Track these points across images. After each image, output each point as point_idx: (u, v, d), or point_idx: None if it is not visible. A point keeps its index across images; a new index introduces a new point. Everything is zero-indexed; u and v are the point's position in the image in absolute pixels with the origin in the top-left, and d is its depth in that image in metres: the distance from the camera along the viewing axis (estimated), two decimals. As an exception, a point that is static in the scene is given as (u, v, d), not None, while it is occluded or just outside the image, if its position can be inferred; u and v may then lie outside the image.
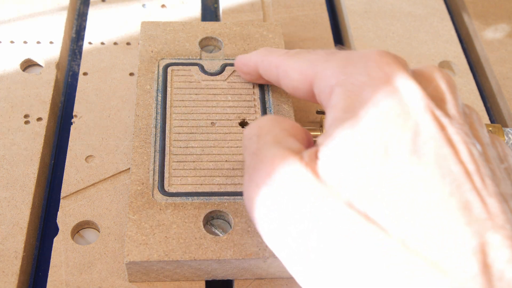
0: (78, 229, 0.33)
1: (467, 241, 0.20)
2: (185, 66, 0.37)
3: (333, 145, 0.23)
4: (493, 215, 0.21)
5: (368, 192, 0.22)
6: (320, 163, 0.23)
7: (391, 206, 0.21)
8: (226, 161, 0.33)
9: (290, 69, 0.29)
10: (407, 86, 0.24)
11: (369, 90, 0.24)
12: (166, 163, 0.33)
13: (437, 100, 0.24)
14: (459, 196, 0.21)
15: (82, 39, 0.44)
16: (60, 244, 0.32)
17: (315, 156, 0.24)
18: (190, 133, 0.34)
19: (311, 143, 0.27)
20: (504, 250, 0.20)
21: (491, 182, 0.22)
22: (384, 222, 0.21)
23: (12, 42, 0.42)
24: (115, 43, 0.42)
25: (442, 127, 0.23)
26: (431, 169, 0.22)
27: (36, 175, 0.35)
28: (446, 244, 0.20)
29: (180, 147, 0.33)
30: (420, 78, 0.25)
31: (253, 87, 0.36)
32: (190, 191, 0.32)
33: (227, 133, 0.34)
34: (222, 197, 0.32)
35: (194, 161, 0.33)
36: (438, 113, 0.23)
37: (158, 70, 0.37)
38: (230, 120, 0.35)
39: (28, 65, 0.41)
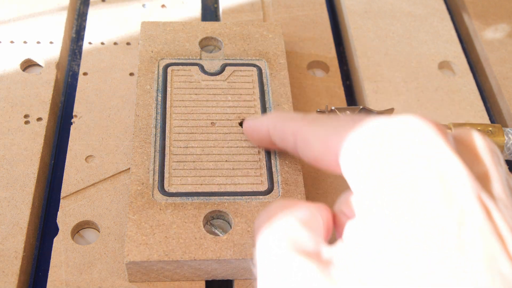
0: (78, 229, 0.33)
1: None
2: (185, 66, 0.37)
3: (366, 255, 0.20)
4: None
5: None
6: (348, 277, 0.20)
7: None
8: (226, 161, 0.33)
9: (311, 137, 0.26)
10: (451, 165, 0.21)
11: (408, 172, 0.20)
12: (166, 163, 0.33)
13: (481, 177, 0.21)
14: None
15: (82, 39, 0.44)
16: (60, 244, 0.32)
17: (336, 257, 0.21)
18: (190, 133, 0.34)
19: (325, 221, 0.24)
20: None
21: None
22: None
23: (12, 42, 0.42)
24: (115, 43, 0.42)
25: (488, 214, 0.20)
26: (480, 269, 0.19)
27: (36, 175, 0.35)
28: None
29: (180, 147, 0.33)
30: (463, 149, 0.22)
31: (253, 87, 0.36)
32: (190, 191, 0.32)
33: (227, 133, 0.34)
34: (222, 197, 0.32)
35: (194, 161, 0.33)
36: (484, 196, 0.20)
37: (158, 70, 0.37)
38: (230, 120, 0.35)
39: (28, 65, 0.41)
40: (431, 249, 0.19)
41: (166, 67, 0.37)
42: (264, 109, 0.35)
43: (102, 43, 0.42)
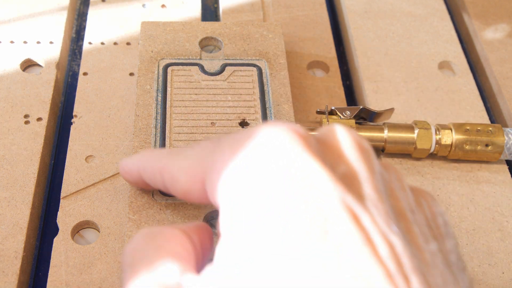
0: (78, 229, 0.33)
1: None
2: (185, 66, 0.37)
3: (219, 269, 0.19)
4: None
5: None
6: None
7: None
8: (226, 161, 0.33)
9: (176, 171, 0.24)
10: (311, 171, 0.19)
11: (268, 186, 0.19)
12: (166, 163, 0.33)
13: (347, 177, 0.20)
14: None
15: (82, 39, 0.44)
16: (60, 244, 0.32)
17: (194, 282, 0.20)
18: (190, 133, 0.34)
19: (196, 245, 0.23)
20: None
21: (418, 279, 0.18)
22: None
23: (12, 42, 0.42)
24: (115, 43, 0.42)
25: (355, 218, 0.19)
26: (347, 276, 0.18)
27: (36, 175, 0.35)
28: None
29: (180, 147, 0.33)
30: (325, 150, 0.21)
31: (253, 87, 0.36)
32: (190, 191, 0.32)
33: (227, 133, 0.34)
34: (222, 197, 0.31)
35: (194, 161, 0.33)
36: (349, 199, 0.19)
37: (158, 70, 0.37)
38: (230, 120, 0.35)
39: (28, 65, 0.41)
40: (297, 264, 0.18)
41: (166, 67, 0.37)
42: (264, 109, 0.35)
43: (102, 43, 0.42)
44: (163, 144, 0.33)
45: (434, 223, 0.22)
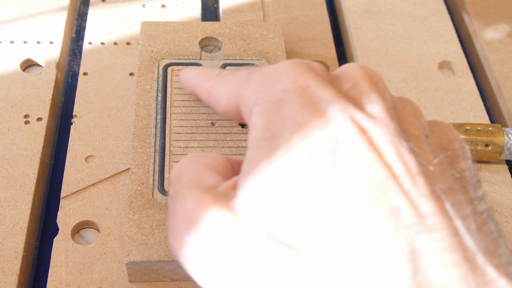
0: (78, 229, 0.33)
1: (396, 250, 0.19)
2: (185, 66, 0.37)
3: (250, 175, 0.22)
4: (424, 217, 0.20)
5: (288, 220, 0.21)
6: (238, 196, 0.22)
7: (313, 229, 0.20)
8: (226, 161, 0.33)
9: (219, 94, 0.28)
10: (321, 94, 0.22)
11: (284, 105, 0.23)
12: (166, 163, 0.33)
13: (357, 101, 0.23)
14: (384, 202, 0.20)
15: (82, 39, 0.44)
16: (60, 244, 0.32)
17: (233, 188, 0.23)
18: (190, 133, 0.34)
19: (236, 170, 0.26)
20: (435, 254, 0.19)
21: (424, 180, 0.20)
22: (305, 248, 0.20)
23: (12, 42, 0.42)
24: (115, 43, 0.42)
25: (363, 131, 0.21)
26: (353, 180, 0.20)
27: (36, 175, 0.35)
28: (376, 258, 0.19)
29: (180, 147, 0.33)
30: (338, 81, 0.24)
31: (253, 87, 0.36)
32: (190, 191, 0.32)
33: (227, 133, 0.34)
34: (222, 197, 0.31)
35: (194, 161, 0.33)
36: (358, 116, 0.22)
37: (158, 70, 0.37)
38: (230, 120, 0.35)
39: (28, 65, 0.41)
40: (309, 167, 0.21)
41: (166, 67, 0.37)
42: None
43: (102, 43, 0.42)
44: (163, 144, 0.33)
45: (449, 147, 0.24)
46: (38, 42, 0.42)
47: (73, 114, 0.38)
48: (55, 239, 0.32)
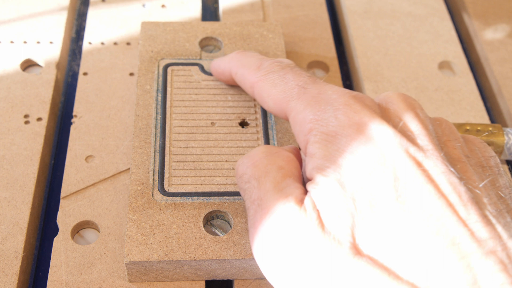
0: (78, 229, 0.33)
1: (461, 277, 0.21)
2: (185, 66, 0.37)
3: (324, 197, 0.24)
4: (482, 242, 0.21)
5: (367, 240, 0.23)
6: (321, 213, 0.24)
7: (392, 253, 0.22)
8: (226, 161, 0.33)
9: (266, 95, 0.30)
10: (378, 130, 0.24)
11: (341, 138, 0.24)
12: (166, 163, 0.33)
13: (407, 133, 0.25)
14: (445, 232, 0.22)
15: (82, 39, 0.44)
16: (60, 244, 0.32)
17: (315, 206, 0.24)
18: (190, 133, 0.34)
19: (299, 168, 0.28)
20: (496, 275, 0.21)
21: (475, 207, 0.22)
22: (392, 265, 0.22)
23: (12, 42, 0.42)
24: (115, 43, 0.42)
25: (418, 164, 0.23)
26: (416, 212, 0.22)
27: (36, 175, 0.35)
28: (445, 284, 0.21)
29: (180, 147, 0.33)
30: (387, 113, 0.26)
31: (253, 87, 0.36)
32: (190, 191, 0.32)
33: (227, 133, 0.34)
34: (222, 197, 0.32)
35: (194, 161, 0.33)
36: (412, 149, 0.24)
37: (158, 70, 0.37)
38: (230, 120, 0.35)
39: (28, 65, 0.41)
40: (374, 205, 0.23)
41: (166, 67, 0.37)
42: (264, 109, 0.35)
43: (102, 43, 0.42)
44: (163, 144, 0.33)
45: (487, 164, 0.26)
46: (38, 42, 0.42)
47: (73, 114, 0.38)
48: (55, 239, 0.32)
